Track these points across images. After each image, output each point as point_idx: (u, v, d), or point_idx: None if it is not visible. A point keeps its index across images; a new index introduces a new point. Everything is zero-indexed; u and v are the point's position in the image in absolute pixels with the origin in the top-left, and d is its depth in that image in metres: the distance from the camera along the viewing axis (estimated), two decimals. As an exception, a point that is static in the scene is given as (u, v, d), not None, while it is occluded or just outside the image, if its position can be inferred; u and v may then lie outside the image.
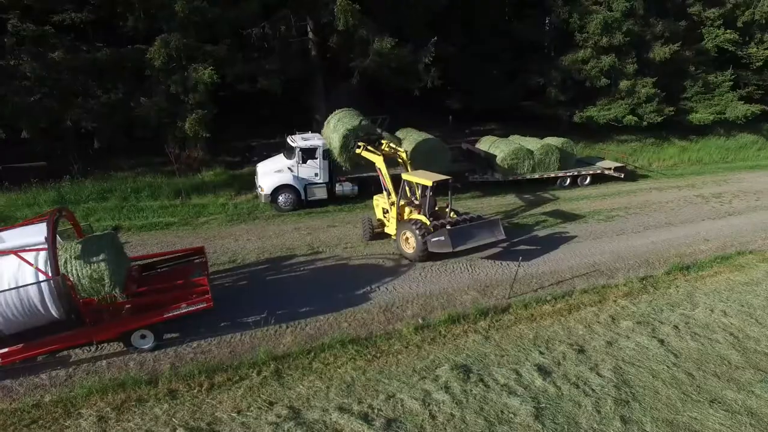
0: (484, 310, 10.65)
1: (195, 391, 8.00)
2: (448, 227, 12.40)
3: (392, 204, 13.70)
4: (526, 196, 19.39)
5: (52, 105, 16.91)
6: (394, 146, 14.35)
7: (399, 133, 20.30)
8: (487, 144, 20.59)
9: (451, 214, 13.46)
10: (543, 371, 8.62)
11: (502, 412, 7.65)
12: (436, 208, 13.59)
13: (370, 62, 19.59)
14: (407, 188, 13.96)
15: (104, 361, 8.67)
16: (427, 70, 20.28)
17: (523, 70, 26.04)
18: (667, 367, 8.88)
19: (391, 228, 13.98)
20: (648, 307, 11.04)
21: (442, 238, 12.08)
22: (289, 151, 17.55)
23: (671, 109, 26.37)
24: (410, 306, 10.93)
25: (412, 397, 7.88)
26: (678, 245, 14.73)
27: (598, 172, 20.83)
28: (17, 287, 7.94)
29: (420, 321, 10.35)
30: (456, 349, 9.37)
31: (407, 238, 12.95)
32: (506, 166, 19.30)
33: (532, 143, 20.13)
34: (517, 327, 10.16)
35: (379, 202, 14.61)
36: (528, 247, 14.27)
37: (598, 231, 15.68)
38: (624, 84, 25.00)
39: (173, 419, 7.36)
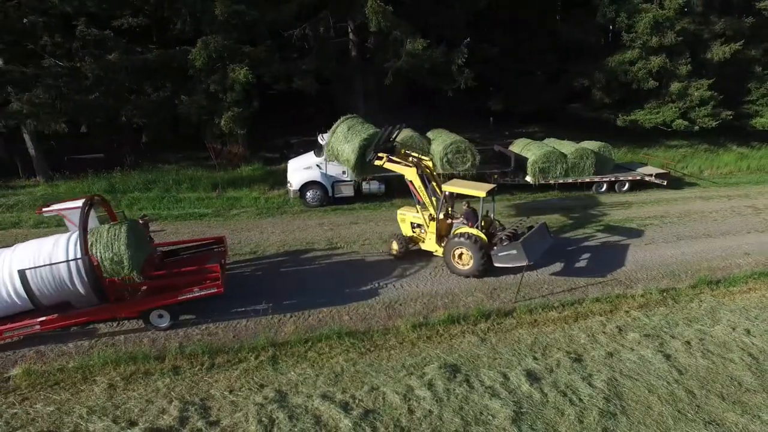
0: (486, 312, 10.64)
1: (196, 369, 8.64)
2: (504, 239, 11.86)
3: (432, 219, 12.72)
4: (557, 200, 18.90)
5: (108, 102, 18.52)
6: (417, 155, 13.50)
7: (429, 134, 20.39)
8: (519, 146, 20.25)
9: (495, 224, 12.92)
10: (532, 377, 8.55)
11: (480, 413, 7.70)
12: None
13: (403, 63, 19.81)
14: (446, 201, 12.81)
15: (122, 336, 9.55)
16: (460, 71, 20.20)
17: (566, 71, 25.27)
18: (667, 383, 8.53)
19: (429, 244, 12.98)
20: (662, 321, 10.58)
21: (515, 251, 11.38)
22: (319, 149, 18.15)
23: (729, 113, 24.59)
24: (413, 304, 11.11)
25: (395, 391, 8.10)
26: (712, 258, 13.88)
27: (638, 178, 19.89)
28: (51, 264, 8.96)
29: (422, 319, 10.51)
30: (450, 348, 9.47)
31: (461, 255, 12.08)
32: (537, 170, 18.88)
33: (567, 147, 19.55)
34: (517, 331, 10.09)
35: (406, 216, 13.50)
36: (548, 252, 13.88)
37: (625, 239, 15.04)
38: (675, 86, 23.62)
39: (172, 392, 8.02)
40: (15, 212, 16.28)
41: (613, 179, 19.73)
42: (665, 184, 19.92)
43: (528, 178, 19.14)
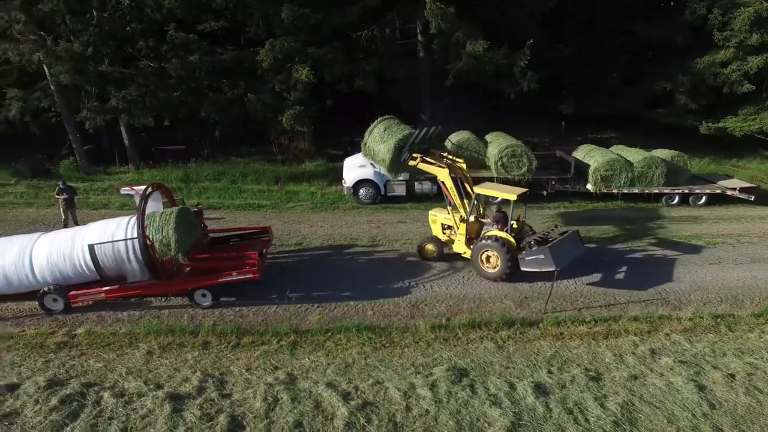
0: (511, 320, 10.42)
1: (223, 346, 9.46)
2: (533, 244, 11.74)
3: (462, 220, 12.75)
4: (619, 211, 17.78)
5: (189, 99, 20.49)
6: (452, 157, 13.55)
7: (487, 137, 20.09)
8: (582, 153, 19.26)
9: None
10: (540, 390, 8.30)
11: (477, 419, 7.66)
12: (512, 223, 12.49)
13: (464, 65, 19.68)
14: (478, 203, 12.88)
15: (167, 311, 10.68)
16: (522, 73, 19.62)
17: (645, 73, 23.43)
18: (693, 415, 7.84)
19: (459, 246, 12.95)
20: (707, 348, 9.67)
21: (542, 256, 11.22)
22: (373, 148, 18.64)
23: None
24: (438, 305, 11.17)
25: (397, 387, 8.29)
26: (790, 286, 12.32)
27: (717, 191, 18.01)
28: (113, 241, 10.30)
29: (444, 321, 10.55)
30: (464, 352, 9.44)
31: (489, 257, 12.05)
32: (599, 178, 17.85)
33: (635, 155, 18.24)
34: (539, 342, 9.79)
35: (437, 217, 13.54)
36: (592, 263, 13.18)
37: (686, 256, 13.79)
38: (778, 90, 21.03)
39: (197, 364, 8.88)
40: (106, 195, 18.64)
41: (686, 191, 18.07)
42: (752, 199, 17.85)
43: (589, 186, 18.17)
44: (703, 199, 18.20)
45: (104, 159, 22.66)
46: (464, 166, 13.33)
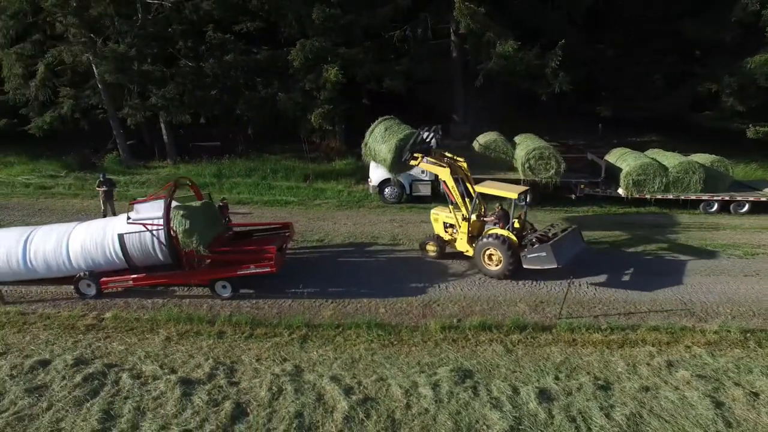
0: (523, 324, 10.27)
1: (237, 336, 9.84)
2: (535, 241, 11.85)
3: (464, 219, 12.80)
4: (651, 216, 17.08)
5: (224, 98, 21.26)
6: (453, 156, 13.57)
7: (516, 138, 19.77)
8: (615, 156, 18.60)
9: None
10: (545, 396, 8.15)
11: (476, 421, 7.63)
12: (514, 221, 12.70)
13: (494, 65, 19.43)
14: (478, 201, 12.94)
15: (188, 300, 11.21)
16: (554, 74, 19.15)
17: (690, 74, 22.32)
18: None
19: (461, 244, 13.08)
20: (730, 364, 9.18)
21: (544, 253, 11.34)
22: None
23: None
24: (451, 306, 11.15)
25: (399, 385, 8.35)
26: (836, 302, 11.47)
27: (763, 199, 16.93)
28: (141, 231, 10.89)
29: (455, 322, 10.53)
30: (471, 354, 9.40)
31: (491, 255, 12.17)
32: (631, 182, 17.18)
33: (671, 159, 17.44)
34: (549, 348, 9.61)
35: (439, 216, 13.71)
36: (615, 269, 12.78)
37: (720, 266, 13.09)
38: (837, 92, 19.54)
39: (211, 352, 9.28)
40: (144, 188, 19.60)
41: (727, 198, 17.11)
42: (802, 208, 16.71)
43: (620, 191, 17.53)
44: (746, 207, 17.15)
45: (145, 154, 23.84)
46: (465, 165, 13.44)
